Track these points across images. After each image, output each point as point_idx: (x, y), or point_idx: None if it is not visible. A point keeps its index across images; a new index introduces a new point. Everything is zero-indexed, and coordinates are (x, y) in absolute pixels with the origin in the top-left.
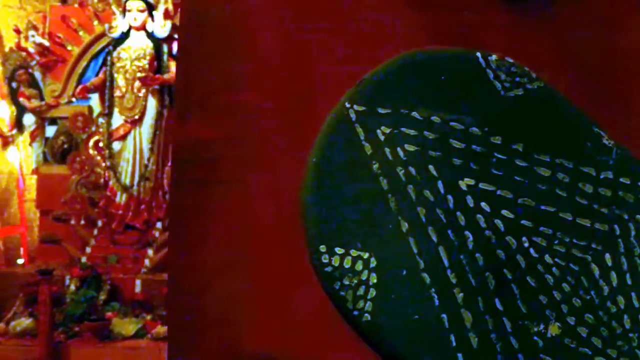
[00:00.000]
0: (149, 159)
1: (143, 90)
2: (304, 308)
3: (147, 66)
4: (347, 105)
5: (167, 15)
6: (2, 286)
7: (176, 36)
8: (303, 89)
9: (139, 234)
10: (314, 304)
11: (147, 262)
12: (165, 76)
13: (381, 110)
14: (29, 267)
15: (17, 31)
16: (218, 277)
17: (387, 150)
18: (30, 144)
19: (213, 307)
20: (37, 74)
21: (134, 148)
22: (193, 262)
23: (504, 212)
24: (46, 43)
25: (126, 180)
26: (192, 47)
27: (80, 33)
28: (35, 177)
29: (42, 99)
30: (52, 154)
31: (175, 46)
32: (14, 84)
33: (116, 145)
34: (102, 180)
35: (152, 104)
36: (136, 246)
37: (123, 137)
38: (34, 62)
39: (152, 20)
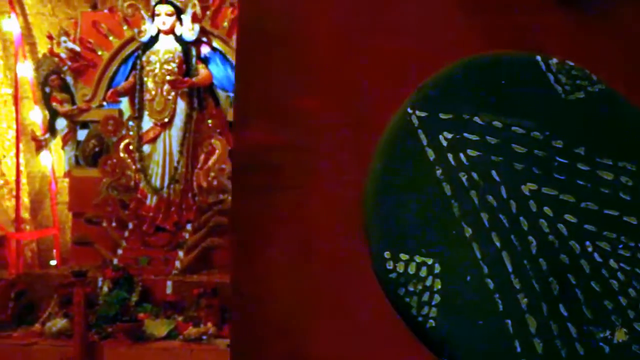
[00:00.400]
0: (178, 162)
1: (172, 93)
2: (366, 314)
3: (176, 69)
4: (410, 111)
5: (195, 18)
6: (37, 287)
7: (204, 39)
8: (362, 94)
9: (169, 235)
10: (376, 310)
11: (177, 263)
12: (194, 79)
13: (443, 116)
14: (62, 268)
15: (50, 37)
16: (281, 284)
17: (449, 155)
18: (62, 148)
19: (276, 314)
20: (69, 79)
21: (164, 150)
22: (256, 270)
23: (567, 216)
24: (77, 48)
25: (156, 182)
26: (251, 53)
27: (110, 38)
28: (67, 180)
29: (73, 103)
30: (83, 157)
31: (203, 49)
32: (47, 89)
33: (146, 148)
34: (132, 182)
35: (181, 106)
36: (166, 248)
37: (153, 140)
38: (66, 67)
39: (181, 23)
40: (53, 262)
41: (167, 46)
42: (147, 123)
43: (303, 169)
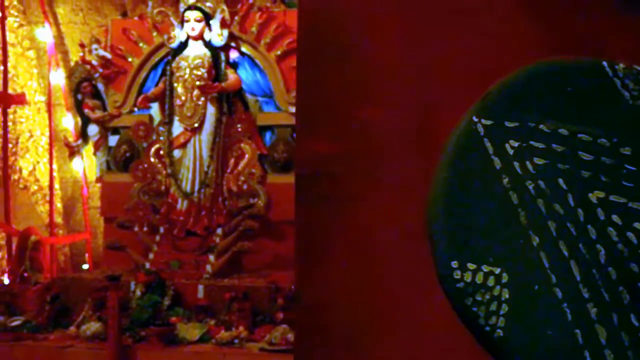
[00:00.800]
0: (208, 166)
1: (202, 99)
2: (430, 325)
3: (205, 75)
4: (475, 119)
5: (223, 24)
6: (71, 291)
7: (233, 44)
8: (425, 103)
9: (200, 240)
10: (441, 320)
11: (208, 267)
12: (224, 84)
13: (509, 124)
14: (95, 272)
15: (82, 45)
16: (344, 295)
17: (516, 164)
18: (94, 153)
19: (340, 325)
20: (100, 86)
21: (194, 155)
22: (319, 280)
23: (636, 224)
24: (108, 55)
25: (187, 187)
26: (311, 60)
27: (140, 45)
28: (98, 185)
29: (105, 109)
30: (115, 163)
31: (232, 54)
32: (79, 96)
33: (177, 153)
34: (163, 187)
35: (211, 111)
36: (197, 252)
37: (183, 145)
38: (97, 75)
39: (209, 29)
40: (85, 266)
41: (196, 52)
42: (177, 128)
43: (365, 178)
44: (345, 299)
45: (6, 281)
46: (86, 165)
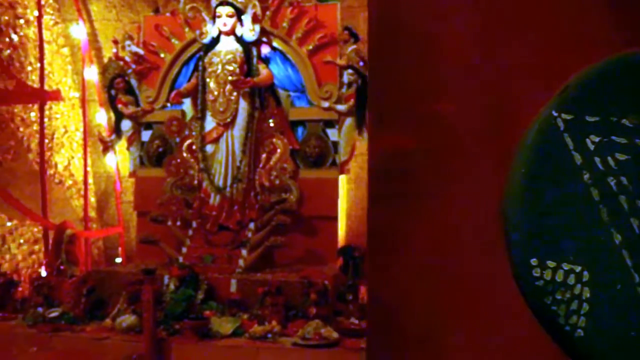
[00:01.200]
0: (241, 161)
1: (234, 94)
2: (505, 324)
3: (237, 70)
4: (555, 114)
5: (255, 19)
6: (106, 284)
7: (264, 39)
8: (500, 96)
9: (233, 234)
10: (516, 319)
11: (241, 262)
12: (256, 79)
13: (589, 118)
14: (129, 266)
15: (115, 42)
16: (418, 293)
17: (597, 159)
18: (127, 149)
19: (413, 323)
20: (133, 81)
21: (227, 150)
22: (392, 277)
23: None
24: (141, 52)
25: (219, 181)
26: (384, 55)
27: (173, 40)
28: (130, 179)
29: (138, 105)
30: (147, 158)
31: (263, 49)
32: (112, 92)
33: (209, 148)
34: (195, 182)
35: (243, 106)
36: (230, 246)
37: (216, 140)
38: (130, 70)
39: (241, 24)
40: (118, 260)
41: (228, 47)
42: (210, 123)
43: (439, 175)
44: (420, 296)
45: (43, 274)
46: (119, 160)
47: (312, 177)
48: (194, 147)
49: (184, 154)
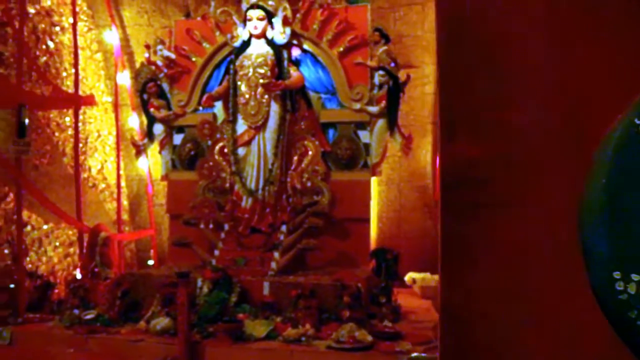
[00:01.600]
0: (272, 164)
1: (265, 97)
2: (583, 337)
3: (268, 73)
4: (637, 121)
5: (286, 21)
6: (140, 286)
7: (294, 42)
8: (574, 102)
9: (265, 237)
10: (594, 333)
11: (273, 264)
12: (287, 81)
13: None
14: (161, 268)
15: (147, 47)
16: (493, 306)
17: None
18: (159, 152)
19: (488, 337)
20: (165, 86)
21: (258, 153)
22: (465, 289)
23: None
24: (172, 56)
25: (251, 184)
26: (454, 62)
27: (204, 44)
28: (162, 182)
29: (169, 108)
30: (180, 161)
31: (294, 51)
32: (144, 96)
33: (241, 151)
34: (227, 185)
35: (274, 109)
36: (262, 249)
37: (247, 143)
38: (162, 75)
39: (272, 27)
40: (150, 262)
41: (259, 50)
42: (241, 126)
43: (514, 184)
44: (495, 309)
45: (78, 276)
46: (151, 163)
47: (344, 179)
48: (225, 150)
49: (216, 157)
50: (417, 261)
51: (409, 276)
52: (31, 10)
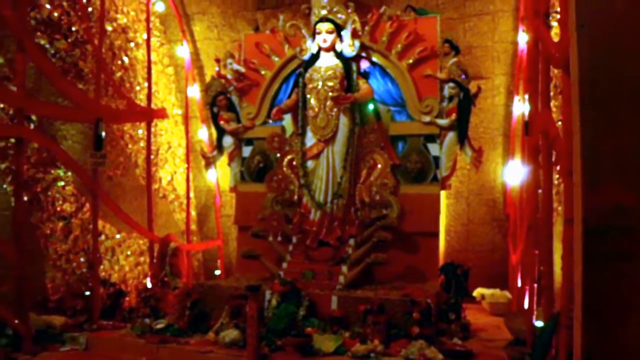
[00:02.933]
0: (341, 177)
1: (335, 110)
2: None
3: (337, 86)
4: None
5: (355, 34)
6: (208, 298)
7: (363, 54)
8: None
9: (333, 250)
10: None
11: (341, 278)
12: (356, 94)
13: None
14: (230, 279)
15: (217, 60)
16: None
17: None
18: (228, 164)
19: None
20: (234, 98)
21: (327, 166)
22: (615, 346)
23: None
24: (242, 69)
25: (320, 197)
26: (599, 104)
27: (273, 57)
28: (229, 194)
29: (239, 121)
30: (248, 173)
31: (362, 64)
32: (214, 109)
33: (310, 164)
34: (295, 197)
35: (343, 122)
36: (330, 262)
37: (316, 156)
38: (231, 88)
39: (341, 40)
40: (217, 272)
41: (328, 63)
42: (310, 139)
43: None
44: None
45: (148, 285)
46: (219, 174)
47: (413, 193)
48: (294, 162)
49: (285, 170)
50: (485, 276)
51: (477, 292)
52: (109, 28)
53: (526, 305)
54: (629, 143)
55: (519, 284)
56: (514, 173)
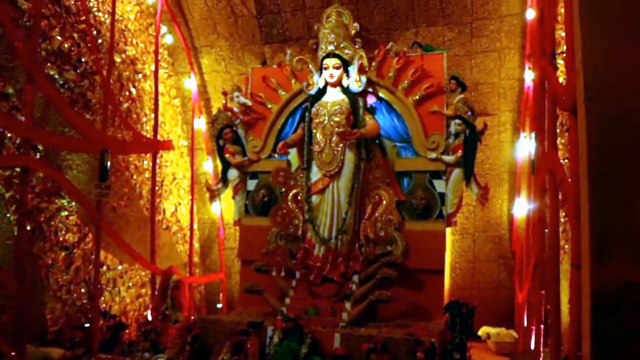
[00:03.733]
0: (346, 212)
1: (340, 145)
2: None
3: (344, 121)
4: None
5: (361, 70)
6: (210, 332)
7: (370, 89)
8: None
9: (337, 286)
10: None
11: (344, 315)
12: (363, 130)
13: None
14: (231, 314)
15: (224, 93)
16: None
17: None
18: (233, 197)
19: None
20: (240, 131)
21: (332, 201)
22: None
23: None
24: (249, 102)
25: (324, 232)
26: (608, 176)
27: (279, 91)
28: (233, 226)
29: (244, 154)
30: (252, 207)
31: (369, 99)
32: (220, 142)
33: (315, 199)
34: (300, 232)
35: (349, 157)
36: (334, 299)
37: (321, 191)
38: (238, 121)
39: (347, 75)
40: (219, 305)
41: (334, 98)
42: (316, 174)
43: None
44: None
45: (149, 317)
46: (223, 207)
47: (418, 229)
48: (299, 197)
49: (290, 204)
50: (491, 314)
51: (483, 330)
52: (117, 59)
53: (533, 346)
54: (638, 218)
55: (526, 323)
56: (520, 210)
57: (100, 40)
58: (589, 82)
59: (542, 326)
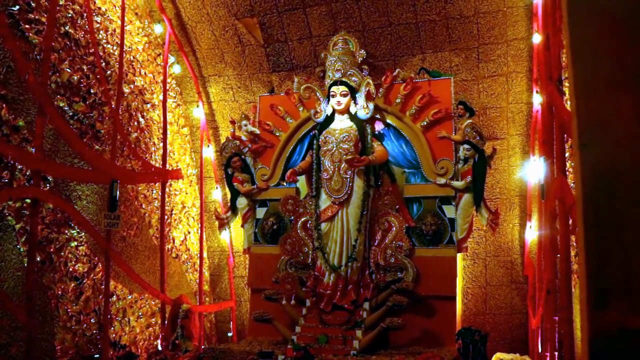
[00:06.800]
0: (356, 239)
1: (349, 172)
2: None
3: (352, 148)
4: None
5: (369, 96)
6: None
7: (377, 116)
8: None
9: (347, 314)
10: None
11: (355, 343)
12: (371, 157)
13: None
14: (241, 343)
15: (232, 122)
16: None
17: None
18: (242, 226)
19: None
20: (248, 160)
21: (342, 228)
22: None
23: None
24: (257, 131)
25: (334, 260)
26: (603, 223)
27: (287, 119)
28: (243, 255)
29: (253, 182)
30: (262, 235)
31: (377, 126)
32: (229, 170)
33: (324, 226)
34: (309, 260)
35: (358, 184)
36: (344, 327)
37: (331, 218)
38: (246, 149)
39: (355, 102)
40: (229, 334)
41: (342, 125)
42: (325, 201)
43: None
44: None
45: (159, 347)
46: (232, 235)
47: (429, 256)
48: (308, 225)
49: (299, 232)
50: (504, 340)
51: (496, 357)
52: (126, 90)
53: None
54: (635, 264)
55: (540, 349)
56: (531, 234)
57: (109, 72)
58: (582, 131)
59: (556, 353)
